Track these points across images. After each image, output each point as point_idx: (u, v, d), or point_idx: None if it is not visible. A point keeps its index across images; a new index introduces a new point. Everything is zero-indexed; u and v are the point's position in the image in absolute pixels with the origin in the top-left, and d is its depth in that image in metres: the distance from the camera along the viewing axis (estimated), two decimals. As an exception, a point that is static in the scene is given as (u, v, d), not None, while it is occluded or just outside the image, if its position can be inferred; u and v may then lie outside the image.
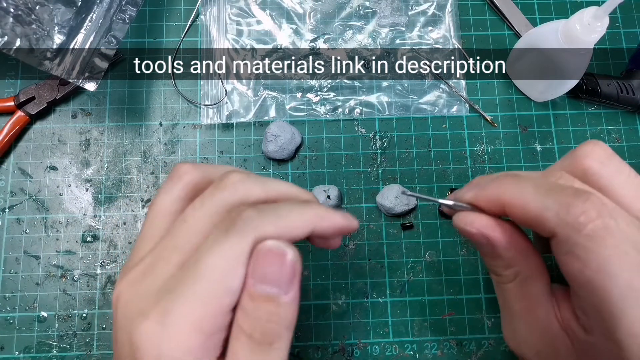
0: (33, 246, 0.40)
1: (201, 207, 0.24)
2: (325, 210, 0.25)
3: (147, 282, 0.22)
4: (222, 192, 0.24)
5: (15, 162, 0.42)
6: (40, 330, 0.38)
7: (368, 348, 0.39)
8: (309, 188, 0.41)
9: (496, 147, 0.43)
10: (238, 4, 0.45)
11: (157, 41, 0.45)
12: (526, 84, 0.43)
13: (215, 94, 0.43)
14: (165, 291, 0.21)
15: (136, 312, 0.21)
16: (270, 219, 0.22)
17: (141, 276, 0.23)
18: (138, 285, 0.23)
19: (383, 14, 0.45)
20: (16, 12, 0.37)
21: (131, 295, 0.23)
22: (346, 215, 0.26)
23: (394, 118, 0.43)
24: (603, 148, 0.25)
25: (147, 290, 0.22)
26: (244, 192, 0.24)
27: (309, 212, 0.24)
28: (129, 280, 0.23)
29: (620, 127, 0.44)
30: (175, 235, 0.23)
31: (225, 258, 0.21)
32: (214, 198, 0.24)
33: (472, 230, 0.26)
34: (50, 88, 0.42)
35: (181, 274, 0.22)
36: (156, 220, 0.25)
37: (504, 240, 0.26)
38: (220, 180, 0.25)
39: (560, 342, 0.25)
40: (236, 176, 0.24)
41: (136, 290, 0.22)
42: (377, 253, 0.40)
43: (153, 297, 0.21)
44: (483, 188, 0.26)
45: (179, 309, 0.20)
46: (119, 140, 0.42)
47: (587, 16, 0.34)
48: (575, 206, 0.22)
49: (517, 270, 0.26)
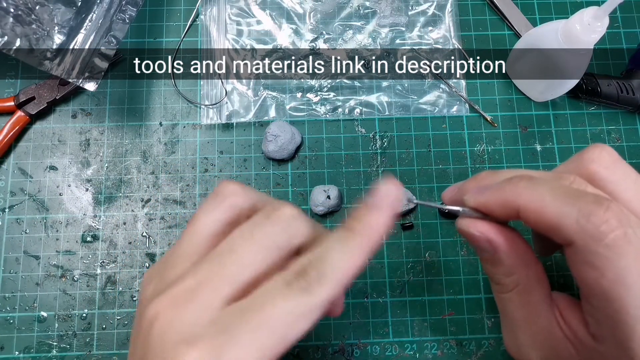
0: (33, 246, 0.40)
1: (251, 238, 0.23)
2: (365, 226, 0.24)
3: (194, 310, 0.22)
4: (274, 226, 0.24)
5: (15, 162, 0.42)
6: (40, 330, 0.38)
7: (368, 348, 0.39)
8: (309, 188, 0.42)
9: (496, 147, 0.43)
10: (238, 4, 0.46)
11: (157, 41, 0.45)
12: (526, 84, 0.43)
13: (215, 94, 0.43)
14: (221, 326, 0.21)
15: (180, 339, 0.21)
16: (330, 276, 0.22)
17: (184, 300, 0.22)
18: (183, 309, 0.22)
19: (383, 14, 0.45)
20: (16, 12, 0.37)
21: (174, 319, 0.22)
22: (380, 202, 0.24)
23: (394, 118, 0.43)
24: (609, 153, 0.24)
25: (194, 319, 0.22)
26: (294, 231, 0.24)
27: (355, 245, 0.23)
28: (169, 300, 0.22)
29: (620, 127, 0.44)
30: (224, 265, 0.23)
31: (291, 314, 0.21)
32: (266, 230, 0.23)
33: (476, 233, 0.26)
34: (50, 88, 0.42)
35: (239, 313, 0.22)
36: (195, 239, 0.25)
37: (506, 246, 0.26)
38: (273, 210, 0.24)
39: (563, 350, 0.25)
40: (291, 212, 0.24)
41: (180, 314, 0.22)
42: (377, 253, 0.40)
43: (202, 329, 0.21)
44: (497, 190, 0.26)
45: (237, 349, 0.21)
46: (119, 140, 0.42)
47: (587, 16, 0.34)
48: (596, 215, 0.21)
49: (518, 279, 0.26)
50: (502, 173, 0.27)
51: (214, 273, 0.22)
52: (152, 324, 0.22)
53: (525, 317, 0.26)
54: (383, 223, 0.24)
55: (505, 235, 0.26)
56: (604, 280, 0.21)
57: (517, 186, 0.25)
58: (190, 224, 0.25)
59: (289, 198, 0.42)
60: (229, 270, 0.22)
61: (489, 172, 0.28)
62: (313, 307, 0.22)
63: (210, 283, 0.22)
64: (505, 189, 0.25)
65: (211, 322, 0.21)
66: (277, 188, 0.42)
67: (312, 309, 0.22)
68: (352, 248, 0.23)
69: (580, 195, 0.23)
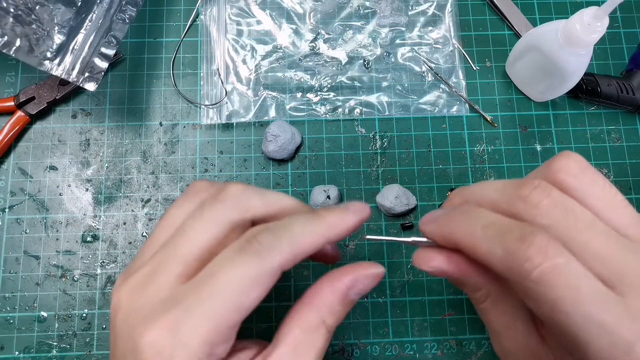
0: (33, 246, 0.40)
1: (200, 217, 0.24)
2: (335, 217, 0.25)
3: (149, 291, 0.23)
4: (222, 203, 0.24)
5: (15, 162, 0.42)
6: (40, 330, 0.38)
7: (368, 348, 0.39)
8: (309, 188, 0.42)
9: (496, 147, 0.43)
10: (238, 4, 0.46)
11: (157, 41, 0.45)
12: (526, 84, 0.43)
13: (215, 94, 0.43)
14: (174, 302, 0.22)
15: (140, 320, 0.22)
16: (285, 243, 0.23)
17: (142, 285, 0.23)
18: (140, 293, 0.23)
19: (383, 14, 0.45)
20: (16, 12, 0.37)
21: (133, 303, 0.23)
22: (354, 208, 0.26)
23: (394, 118, 0.43)
24: (577, 160, 0.24)
25: (150, 299, 0.23)
26: (244, 206, 0.25)
27: (320, 226, 0.24)
28: (129, 288, 0.24)
29: (620, 127, 0.44)
30: (175, 246, 0.24)
31: (242, 279, 0.22)
32: (214, 208, 0.24)
33: (428, 269, 0.26)
34: (50, 88, 0.42)
35: (192, 287, 0.22)
36: (162, 232, 0.26)
37: (461, 272, 0.25)
38: (220, 190, 0.25)
39: (544, 357, 0.25)
40: (236, 188, 0.25)
41: (138, 298, 0.23)
42: (377, 253, 0.40)
43: (159, 307, 0.22)
44: (438, 225, 0.25)
45: (192, 321, 0.21)
46: (119, 140, 0.42)
47: (587, 16, 0.34)
48: (518, 253, 0.21)
49: (487, 292, 0.26)
50: (465, 192, 0.27)
51: (167, 256, 0.24)
52: (117, 312, 0.23)
53: (504, 325, 0.26)
54: (349, 222, 0.25)
55: (456, 262, 0.25)
56: (542, 310, 0.21)
57: (453, 220, 0.24)
58: (161, 220, 0.26)
59: (289, 198, 0.42)
60: (180, 250, 0.23)
61: (456, 192, 0.28)
62: (263, 271, 0.22)
63: (164, 265, 0.23)
64: (444, 224, 0.25)
65: (166, 300, 0.22)
66: (277, 188, 0.42)
67: (263, 273, 0.22)
68: (314, 227, 0.24)
69: (507, 232, 0.22)
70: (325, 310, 0.24)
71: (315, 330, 0.24)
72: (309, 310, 0.24)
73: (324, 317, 0.24)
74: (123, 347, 0.23)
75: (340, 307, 0.24)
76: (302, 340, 0.23)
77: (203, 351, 0.21)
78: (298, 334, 0.23)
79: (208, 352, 0.22)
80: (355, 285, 0.24)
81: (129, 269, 0.25)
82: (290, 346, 0.23)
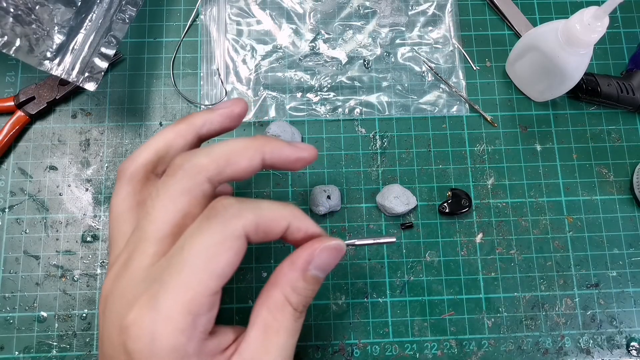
0: (33, 246, 0.40)
1: (157, 196, 0.24)
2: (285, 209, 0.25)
3: (129, 276, 0.23)
4: (174, 177, 0.24)
5: (15, 162, 0.42)
6: (40, 330, 0.38)
7: (368, 348, 0.39)
8: (308, 188, 0.42)
9: (496, 147, 0.43)
10: (238, 4, 0.45)
11: (157, 41, 0.45)
12: (526, 84, 0.43)
13: (215, 94, 0.43)
14: (151, 280, 0.22)
15: (124, 304, 0.23)
16: (248, 206, 0.23)
17: (122, 272, 0.24)
18: (121, 279, 0.24)
19: (383, 14, 0.45)
20: (16, 12, 0.37)
21: (116, 291, 0.24)
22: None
23: (394, 118, 0.43)
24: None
25: (131, 282, 0.23)
26: (194, 170, 0.24)
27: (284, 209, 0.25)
28: (112, 277, 0.24)
29: (620, 127, 0.44)
30: (143, 228, 0.24)
31: (209, 245, 0.22)
32: (168, 184, 0.24)
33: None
34: (50, 88, 0.42)
35: (166, 262, 0.23)
36: (117, 222, 0.27)
37: None
38: (172, 167, 0.25)
39: None
40: (181, 157, 0.25)
41: (120, 285, 0.23)
42: (377, 253, 0.40)
43: (139, 287, 0.23)
44: None
45: (169, 293, 0.22)
46: (119, 140, 0.42)
47: (587, 16, 0.34)
48: None
49: None
50: None
51: (139, 238, 0.24)
52: (105, 304, 0.24)
53: None
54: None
55: None
56: None
57: None
58: (109, 213, 0.28)
59: (289, 198, 0.42)
60: (149, 231, 0.24)
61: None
62: (229, 235, 0.22)
63: (138, 249, 0.24)
64: None
65: (145, 279, 0.23)
66: (277, 188, 0.42)
67: (228, 237, 0.22)
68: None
69: None
70: (287, 288, 0.24)
71: (281, 309, 0.24)
72: (273, 289, 0.25)
73: (287, 295, 0.24)
74: (109, 335, 0.23)
75: (302, 284, 0.25)
76: (270, 321, 0.24)
77: (185, 321, 0.21)
78: (266, 315, 0.24)
79: (191, 323, 0.22)
80: (312, 260, 0.25)
81: (110, 263, 0.26)
82: (260, 329, 0.24)
